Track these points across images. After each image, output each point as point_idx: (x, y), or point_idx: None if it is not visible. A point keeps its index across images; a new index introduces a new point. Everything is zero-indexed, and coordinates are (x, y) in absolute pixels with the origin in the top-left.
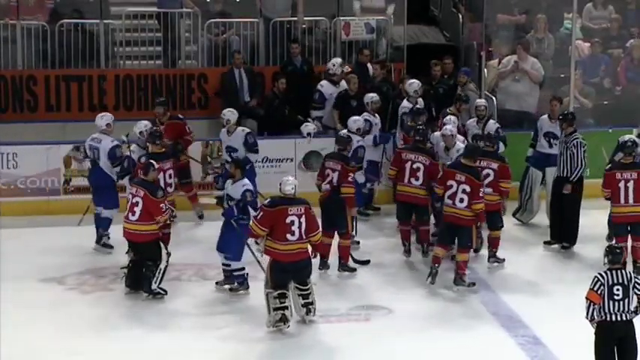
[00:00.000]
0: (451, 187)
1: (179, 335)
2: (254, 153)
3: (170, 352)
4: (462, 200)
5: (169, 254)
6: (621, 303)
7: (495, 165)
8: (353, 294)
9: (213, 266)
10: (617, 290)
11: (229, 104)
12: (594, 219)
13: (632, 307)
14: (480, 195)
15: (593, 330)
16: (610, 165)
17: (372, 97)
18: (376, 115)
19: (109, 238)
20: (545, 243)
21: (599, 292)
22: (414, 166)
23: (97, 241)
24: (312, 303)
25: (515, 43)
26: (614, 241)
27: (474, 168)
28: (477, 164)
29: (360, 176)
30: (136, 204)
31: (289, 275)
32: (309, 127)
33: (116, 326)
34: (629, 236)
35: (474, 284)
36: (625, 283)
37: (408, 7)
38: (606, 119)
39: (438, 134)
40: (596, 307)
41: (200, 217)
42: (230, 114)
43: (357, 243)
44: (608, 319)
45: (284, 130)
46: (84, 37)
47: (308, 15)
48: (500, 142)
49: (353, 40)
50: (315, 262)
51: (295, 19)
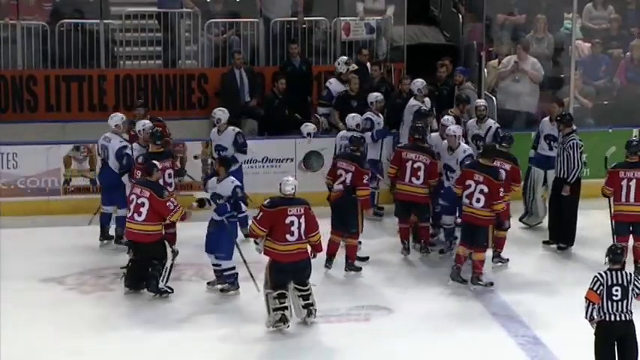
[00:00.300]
0: (469, 186)
1: (179, 335)
2: (242, 153)
3: (170, 352)
4: (478, 200)
5: (177, 252)
6: (620, 303)
7: (508, 166)
8: (353, 294)
9: None
10: (616, 291)
11: (229, 104)
12: (594, 219)
13: (630, 308)
14: (500, 195)
15: (593, 330)
16: (615, 163)
17: (376, 96)
18: (379, 115)
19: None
20: (544, 243)
21: (598, 292)
22: (414, 166)
23: (116, 240)
24: (312, 304)
25: (515, 43)
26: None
27: (492, 168)
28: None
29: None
30: (142, 204)
31: (289, 275)
32: (309, 127)
33: (116, 326)
34: (630, 236)
35: (491, 284)
36: (624, 284)
37: (408, 7)
38: (606, 119)
39: (435, 135)
40: (596, 307)
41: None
42: (221, 113)
43: (360, 243)
44: (607, 319)
45: (284, 130)
46: (84, 37)
47: (308, 15)
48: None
49: (353, 41)
50: (315, 261)
51: (295, 19)
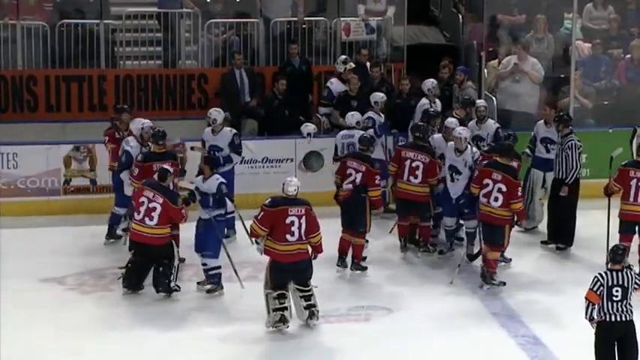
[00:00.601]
0: (487, 185)
1: (179, 335)
2: (237, 155)
3: (170, 352)
4: (496, 199)
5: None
6: (620, 304)
7: (515, 164)
8: (353, 294)
9: None
10: (617, 292)
11: (230, 105)
12: (594, 219)
13: (631, 308)
14: (519, 194)
15: (593, 330)
16: (625, 162)
17: (382, 96)
18: (381, 114)
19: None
20: (543, 243)
21: (598, 292)
22: (413, 165)
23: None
24: (314, 305)
25: (515, 43)
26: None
27: (510, 167)
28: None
29: None
30: (154, 209)
31: (288, 276)
32: (309, 127)
33: (116, 326)
34: (634, 236)
35: (504, 283)
36: (625, 284)
37: (408, 8)
38: (606, 119)
39: (439, 136)
40: (596, 307)
41: None
42: (217, 113)
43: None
44: (607, 319)
45: (284, 130)
46: (84, 37)
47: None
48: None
49: (353, 41)
50: (317, 262)
51: (295, 19)
